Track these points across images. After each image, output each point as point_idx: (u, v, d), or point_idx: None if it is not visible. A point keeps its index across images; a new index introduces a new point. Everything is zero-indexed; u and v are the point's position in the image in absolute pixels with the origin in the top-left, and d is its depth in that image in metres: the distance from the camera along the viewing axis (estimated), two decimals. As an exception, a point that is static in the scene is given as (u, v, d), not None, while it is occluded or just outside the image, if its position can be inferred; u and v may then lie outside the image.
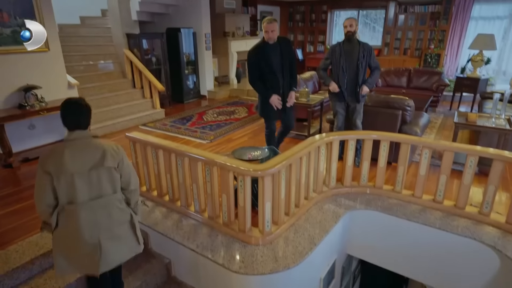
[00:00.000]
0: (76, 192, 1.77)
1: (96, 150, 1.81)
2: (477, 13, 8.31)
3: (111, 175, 1.85)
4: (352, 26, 3.51)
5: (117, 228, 1.90)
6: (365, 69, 3.62)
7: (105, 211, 1.85)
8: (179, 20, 7.19)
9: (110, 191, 1.86)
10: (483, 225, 2.64)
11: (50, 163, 1.75)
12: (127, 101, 5.83)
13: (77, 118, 1.80)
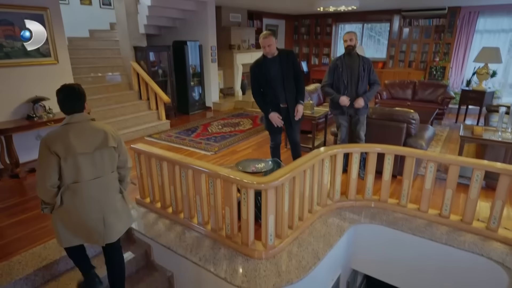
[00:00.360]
0: (81, 171, 1.92)
1: (98, 132, 1.98)
2: (482, 27, 8.34)
3: (112, 154, 2.03)
4: (352, 40, 3.54)
5: (115, 204, 2.09)
6: (366, 83, 3.64)
7: (106, 188, 2.03)
8: (186, 33, 7.32)
9: (110, 170, 2.04)
10: (490, 241, 2.59)
11: (58, 145, 1.86)
12: (133, 112, 5.90)
13: (73, 101, 1.95)
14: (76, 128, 1.92)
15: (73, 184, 1.92)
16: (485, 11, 8.13)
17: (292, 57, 3.44)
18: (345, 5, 7.10)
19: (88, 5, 7.09)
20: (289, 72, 3.39)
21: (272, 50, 3.30)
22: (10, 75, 4.01)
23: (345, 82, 3.62)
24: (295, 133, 3.65)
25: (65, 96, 1.93)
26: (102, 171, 1.99)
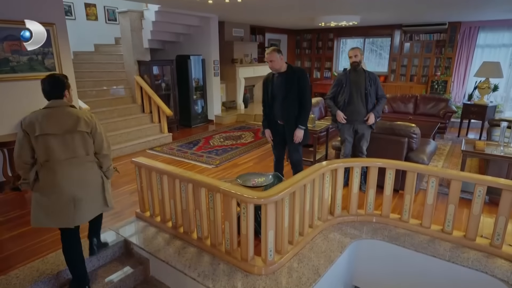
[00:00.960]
0: (52, 151, 2.10)
1: (70, 116, 2.16)
2: (482, 41, 8.41)
3: (84, 139, 2.19)
4: (357, 56, 3.56)
5: (89, 186, 2.23)
6: (374, 98, 3.66)
7: (79, 169, 2.18)
8: (189, 48, 7.44)
9: (83, 153, 2.20)
10: (495, 258, 2.54)
11: (28, 124, 2.09)
12: (136, 125, 5.95)
13: (51, 88, 2.19)
14: (51, 112, 2.14)
15: (46, 162, 2.11)
16: (485, 26, 8.21)
17: (299, 77, 3.28)
18: (346, 20, 7.21)
19: (94, 20, 7.24)
20: (292, 91, 3.28)
21: (276, 66, 3.25)
22: (14, 88, 4.07)
23: (346, 98, 3.64)
24: (293, 153, 3.53)
25: (46, 84, 2.19)
26: (74, 153, 2.16)
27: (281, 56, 3.26)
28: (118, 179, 4.36)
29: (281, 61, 3.25)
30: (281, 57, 3.24)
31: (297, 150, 3.50)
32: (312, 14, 7.04)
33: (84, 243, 2.54)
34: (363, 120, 3.67)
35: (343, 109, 3.68)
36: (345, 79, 3.66)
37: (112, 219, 3.26)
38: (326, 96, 3.91)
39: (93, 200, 2.26)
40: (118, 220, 3.25)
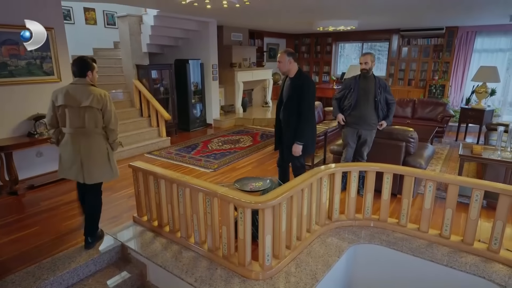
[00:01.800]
0: (67, 120, 2.60)
1: (86, 93, 2.57)
2: (479, 46, 8.46)
3: (94, 113, 2.59)
4: (367, 63, 3.55)
5: (95, 154, 2.66)
6: (384, 104, 3.67)
7: (87, 138, 2.63)
8: (188, 52, 7.47)
9: (92, 125, 2.61)
10: (492, 262, 2.53)
11: (55, 94, 2.62)
12: (134, 129, 5.94)
13: (77, 68, 2.62)
14: (73, 88, 2.60)
15: (63, 128, 2.65)
16: (482, 31, 8.27)
17: (302, 85, 3.17)
18: (344, 25, 7.25)
19: (93, 24, 7.27)
20: (292, 99, 3.21)
21: (282, 68, 3.22)
22: (13, 92, 4.08)
23: (352, 103, 3.66)
24: (292, 161, 3.44)
25: (73, 64, 2.64)
26: (84, 124, 2.60)
27: (291, 59, 3.17)
28: (116, 183, 4.34)
29: (289, 65, 3.18)
30: (290, 60, 3.17)
31: (297, 159, 3.39)
32: (311, 19, 7.08)
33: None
34: (369, 126, 3.68)
35: (347, 112, 3.69)
36: (354, 84, 3.66)
37: (109, 224, 3.25)
38: (334, 96, 3.94)
39: (97, 165, 2.68)
40: (115, 224, 3.24)
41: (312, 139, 3.36)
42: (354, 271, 2.96)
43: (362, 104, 3.64)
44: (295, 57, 3.25)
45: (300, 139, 3.22)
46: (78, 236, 3.00)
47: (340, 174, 2.97)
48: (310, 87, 3.20)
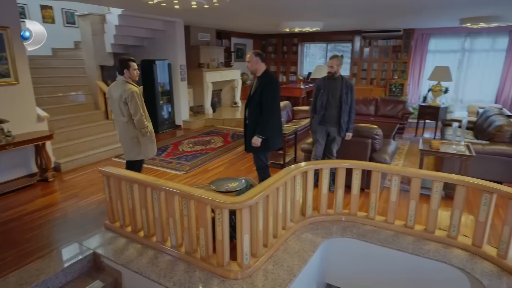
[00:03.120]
0: (112, 110, 3.49)
1: (120, 89, 3.30)
2: (433, 47, 9.07)
3: (123, 106, 3.31)
4: (332, 67, 3.75)
5: (124, 138, 3.50)
6: (348, 105, 3.82)
7: (120, 126, 3.46)
8: (154, 52, 7.30)
9: (121, 115, 3.37)
10: (452, 248, 2.75)
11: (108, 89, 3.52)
12: (100, 132, 5.72)
13: (117, 67, 3.36)
14: (114, 83, 3.40)
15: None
16: (436, 33, 8.87)
17: (264, 83, 3.32)
18: (310, 26, 7.45)
19: (51, 23, 6.87)
20: (255, 95, 3.36)
21: (250, 68, 3.38)
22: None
23: (323, 102, 3.82)
24: (254, 159, 3.60)
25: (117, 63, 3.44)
26: (117, 114, 3.40)
27: (258, 59, 3.34)
28: (83, 190, 4.18)
29: (256, 64, 3.34)
30: (257, 60, 3.33)
31: (257, 156, 3.53)
32: (277, 20, 7.20)
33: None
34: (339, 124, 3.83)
35: (320, 112, 3.82)
36: (323, 85, 3.84)
37: (79, 232, 3.12)
38: (311, 109, 4.09)
39: (126, 147, 3.52)
40: (85, 232, 3.12)
41: (274, 134, 3.45)
42: (328, 264, 3.08)
43: (331, 104, 3.79)
44: (263, 57, 3.40)
45: (261, 132, 3.35)
46: (45, 247, 2.86)
47: (313, 172, 3.07)
48: (272, 83, 3.36)
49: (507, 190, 2.45)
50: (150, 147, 3.56)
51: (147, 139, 3.50)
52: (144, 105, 3.46)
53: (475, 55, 8.66)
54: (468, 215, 3.52)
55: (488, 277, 2.41)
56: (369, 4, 5.12)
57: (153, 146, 3.62)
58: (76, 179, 4.54)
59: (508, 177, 4.27)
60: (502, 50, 8.27)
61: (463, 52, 8.75)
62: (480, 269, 2.49)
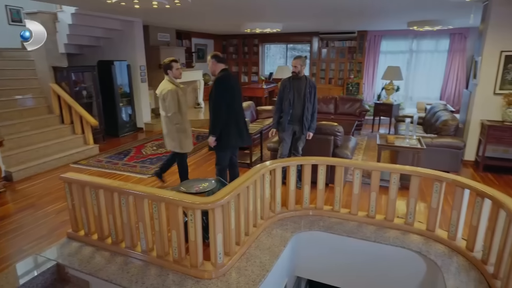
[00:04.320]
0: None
1: (162, 87, 3.74)
2: (385, 48, 9.66)
3: (162, 102, 3.75)
4: (296, 67, 3.89)
5: (164, 131, 3.91)
6: (312, 104, 3.96)
7: (162, 120, 3.87)
8: (113, 52, 7.02)
9: (162, 111, 3.80)
10: (409, 234, 3.00)
11: None
12: (55, 138, 5.39)
13: (163, 69, 3.80)
14: (161, 82, 3.82)
15: None
16: (386, 35, 9.47)
17: (214, 82, 3.48)
18: (270, 27, 7.61)
19: (-7, 21, 6.35)
20: (211, 96, 3.48)
21: (210, 70, 3.55)
22: None
23: (290, 101, 3.94)
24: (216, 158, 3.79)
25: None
26: (160, 109, 3.83)
27: (214, 61, 3.48)
28: (40, 199, 3.93)
29: (213, 66, 3.49)
30: (213, 62, 3.49)
31: (217, 157, 3.71)
32: (239, 21, 7.26)
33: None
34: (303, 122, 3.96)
35: (286, 111, 3.92)
36: (288, 85, 3.96)
37: (40, 243, 2.95)
38: (275, 110, 4.18)
39: (167, 139, 3.92)
40: (47, 243, 2.95)
41: (227, 133, 3.52)
42: (298, 257, 3.20)
43: (296, 103, 3.92)
44: (218, 58, 3.52)
45: (210, 131, 3.51)
46: (1, 262, 2.67)
47: (280, 169, 3.17)
48: (220, 82, 3.44)
49: (454, 178, 2.72)
50: (185, 142, 3.89)
51: (182, 134, 3.83)
52: (181, 104, 3.77)
53: (422, 55, 9.37)
54: (422, 203, 3.83)
55: (441, 257, 2.66)
56: (324, 8, 5.35)
57: (188, 142, 3.94)
58: (31, 188, 4.25)
59: (454, 166, 4.71)
60: (444, 51, 9.04)
61: (411, 52, 9.43)
62: (434, 251, 2.74)
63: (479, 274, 2.45)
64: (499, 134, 4.67)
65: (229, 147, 3.62)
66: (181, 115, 3.81)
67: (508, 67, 4.70)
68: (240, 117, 3.64)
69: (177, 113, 3.75)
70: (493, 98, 4.88)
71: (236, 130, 3.57)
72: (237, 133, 3.58)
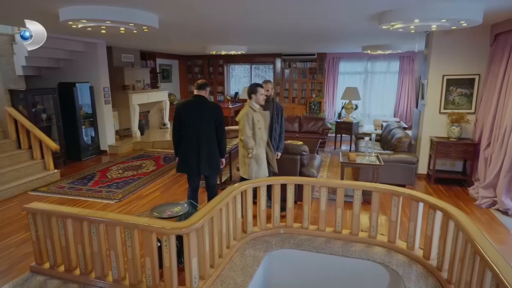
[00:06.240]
0: None
1: (242, 111, 3.80)
2: (343, 69, 10.31)
3: (239, 125, 3.80)
4: (268, 91, 4.07)
5: (239, 155, 3.89)
6: (279, 125, 4.15)
7: (239, 143, 3.92)
8: (73, 74, 6.83)
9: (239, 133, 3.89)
10: (373, 246, 3.20)
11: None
12: (11, 164, 5.10)
13: (248, 92, 3.83)
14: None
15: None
16: (344, 57, 10.12)
17: None
18: (235, 50, 7.86)
19: None
20: None
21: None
22: None
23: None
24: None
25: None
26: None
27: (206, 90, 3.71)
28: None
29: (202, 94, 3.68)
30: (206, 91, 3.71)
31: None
32: (204, 43, 7.43)
33: None
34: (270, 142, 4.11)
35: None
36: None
37: None
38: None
39: (240, 163, 3.90)
40: (8, 279, 2.79)
41: (179, 159, 3.71)
42: (272, 275, 3.28)
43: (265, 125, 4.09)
44: (196, 86, 3.69)
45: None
46: None
47: (251, 190, 3.28)
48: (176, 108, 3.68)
49: (409, 193, 2.99)
50: (254, 169, 3.75)
51: (253, 160, 3.72)
52: (257, 129, 3.69)
53: (376, 76, 10.11)
54: (384, 216, 4.10)
55: (402, 267, 2.88)
56: (285, 34, 5.69)
57: (258, 170, 3.79)
58: (-16, 220, 3.97)
59: (409, 180, 5.10)
60: (396, 72, 9.84)
61: (366, 73, 10.14)
62: (396, 261, 2.96)
63: (436, 281, 2.68)
64: (445, 149, 5.16)
65: (180, 171, 3.75)
66: (255, 140, 3.73)
67: (450, 89, 5.27)
68: (191, 145, 3.63)
69: (251, 138, 3.70)
70: (439, 117, 5.41)
71: (185, 158, 3.67)
72: (185, 161, 3.67)
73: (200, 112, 3.60)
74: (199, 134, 3.60)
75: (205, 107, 3.62)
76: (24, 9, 3.48)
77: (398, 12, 3.59)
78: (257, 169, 3.84)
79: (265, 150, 4.16)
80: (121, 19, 3.52)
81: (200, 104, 3.62)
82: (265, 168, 3.91)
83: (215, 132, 3.62)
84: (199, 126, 3.58)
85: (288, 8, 3.70)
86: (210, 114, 3.60)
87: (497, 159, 4.34)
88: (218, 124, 3.62)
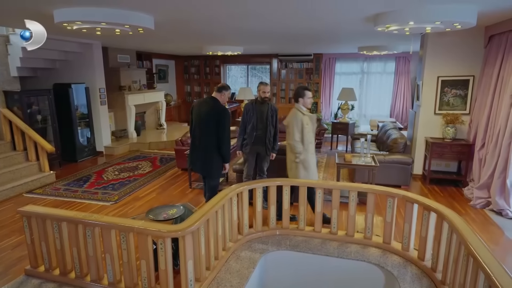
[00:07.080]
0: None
1: (289, 115, 3.84)
2: (339, 70, 10.33)
3: (286, 128, 3.77)
4: (268, 92, 4.16)
5: (287, 159, 3.84)
6: (273, 127, 4.17)
7: (287, 147, 3.87)
8: (69, 75, 6.80)
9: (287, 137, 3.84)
10: (368, 247, 3.22)
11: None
12: (6, 166, 5.07)
13: (294, 95, 3.79)
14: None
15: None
16: (340, 58, 10.15)
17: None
18: (232, 50, 7.85)
19: None
20: None
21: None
22: None
23: (254, 124, 4.12)
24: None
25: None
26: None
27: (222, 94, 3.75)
28: (-9, 234, 3.66)
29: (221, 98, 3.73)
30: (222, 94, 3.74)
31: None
32: (201, 44, 7.42)
33: None
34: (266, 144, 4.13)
35: (252, 134, 4.07)
36: (252, 109, 4.13)
37: (-7, 284, 2.75)
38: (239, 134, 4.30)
39: (288, 167, 3.82)
40: (2, 282, 2.77)
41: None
42: (268, 277, 3.28)
43: (259, 126, 4.11)
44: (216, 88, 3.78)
45: None
46: None
47: (247, 192, 3.28)
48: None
49: (404, 194, 3.01)
50: (302, 174, 3.70)
51: (300, 165, 3.68)
52: (306, 133, 3.65)
53: (372, 76, 10.14)
54: (379, 217, 4.12)
55: (397, 268, 2.90)
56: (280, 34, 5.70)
57: (307, 174, 3.72)
58: (-21, 223, 3.95)
59: (404, 180, 5.13)
60: (391, 73, 9.88)
61: (362, 74, 10.18)
62: (391, 262, 2.98)
63: (430, 282, 2.71)
64: (440, 150, 5.19)
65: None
66: (304, 144, 3.68)
67: (444, 90, 5.30)
68: (195, 144, 3.76)
69: (299, 142, 3.65)
70: (434, 118, 5.44)
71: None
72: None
73: (206, 113, 3.64)
74: (201, 134, 3.65)
75: (212, 109, 3.62)
76: (18, 10, 3.46)
77: (393, 14, 3.61)
78: (305, 174, 3.77)
79: (257, 150, 4.18)
80: (116, 21, 3.51)
81: (209, 105, 3.67)
82: (313, 172, 3.84)
83: (215, 135, 3.60)
84: (203, 127, 3.64)
85: (284, 10, 3.71)
86: (214, 117, 3.58)
87: (491, 160, 4.37)
88: (220, 128, 3.58)
